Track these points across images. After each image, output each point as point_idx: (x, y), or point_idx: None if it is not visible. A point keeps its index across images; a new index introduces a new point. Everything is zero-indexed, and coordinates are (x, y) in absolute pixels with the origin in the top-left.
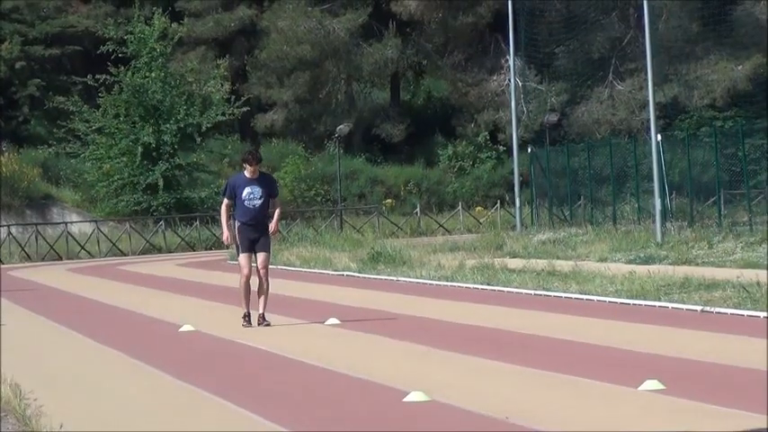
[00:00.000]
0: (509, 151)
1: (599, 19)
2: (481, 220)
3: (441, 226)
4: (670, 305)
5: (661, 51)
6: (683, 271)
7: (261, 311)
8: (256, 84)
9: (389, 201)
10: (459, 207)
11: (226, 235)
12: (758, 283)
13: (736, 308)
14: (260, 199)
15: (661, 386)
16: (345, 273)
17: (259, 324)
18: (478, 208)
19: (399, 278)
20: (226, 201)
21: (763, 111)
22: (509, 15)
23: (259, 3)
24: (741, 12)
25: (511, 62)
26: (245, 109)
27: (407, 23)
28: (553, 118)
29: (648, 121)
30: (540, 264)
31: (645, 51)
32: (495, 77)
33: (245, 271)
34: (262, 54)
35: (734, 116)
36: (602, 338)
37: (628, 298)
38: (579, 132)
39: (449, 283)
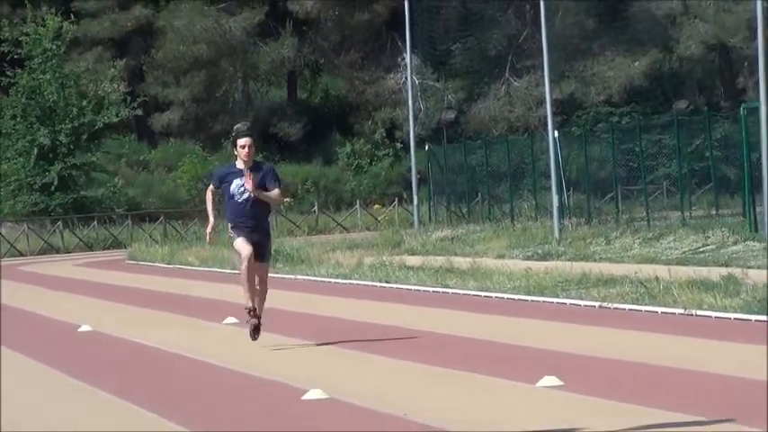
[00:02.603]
0: (406, 149)
1: (495, 16)
2: (379, 218)
3: (339, 224)
4: (568, 301)
5: (557, 48)
6: (580, 267)
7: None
8: (153, 83)
9: (287, 200)
10: (358, 205)
11: (211, 225)
12: (656, 279)
13: (633, 303)
14: (249, 191)
15: (559, 382)
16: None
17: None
18: (376, 206)
19: (298, 276)
20: (211, 186)
21: (660, 106)
22: (405, 13)
23: (155, 2)
24: (637, 8)
25: (408, 60)
26: (139, 110)
27: (304, 22)
28: (450, 115)
29: (545, 117)
30: (439, 261)
31: (541, 48)
32: (392, 75)
33: (246, 252)
34: (158, 54)
35: (630, 112)
36: (500, 335)
37: (526, 294)
38: (476, 129)
39: (347, 281)
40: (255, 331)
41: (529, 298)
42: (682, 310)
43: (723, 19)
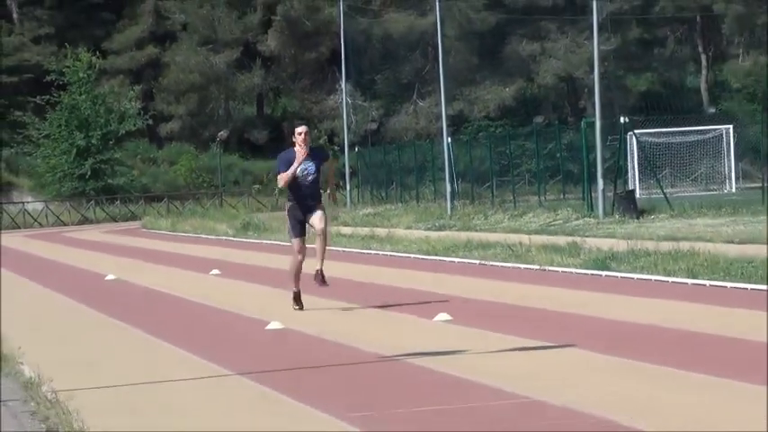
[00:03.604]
0: (342, 150)
1: (406, 54)
2: (322, 199)
3: None
4: (456, 260)
5: (450, 77)
6: (466, 235)
7: (318, 268)
8: (160, 101)
9: (256, 186)
10: None
11: (291, 172)
12: (520, 244)
13: (504, 261)
14: (313, 174)
15: (450, 317)
16: (224, 237)
17: (315, 280)
18: (320, 191)
19: (263, 241)
20: (281, 173)
21: (524, 121)
22: (342, 52)
23: (162, 43)
24: (508, 49)
25: (343, 86)
26: (150, 121)
27: (269, 58)
28: (373, 126)
29: (442, 128)
30: (364, 231)
31: (439, 78)
32: (331, 97)
33: (299, 257)
34: (164, 80)
35: (502, 124)
36: (407, 283)
37: (426, 255)
38: (392, 136)
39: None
40: (295, 297)
41: (428, 257)
42: (538, 267)
43: (570, 57)
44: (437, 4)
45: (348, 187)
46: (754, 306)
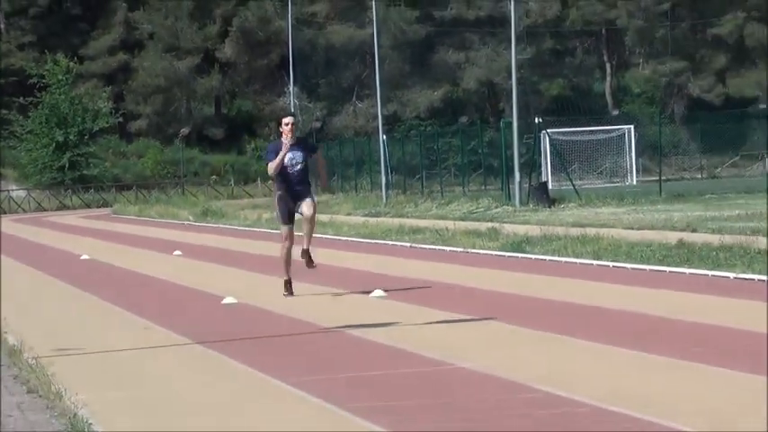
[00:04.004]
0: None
1: (347, 62)
2: (272, 188)
3: (247, 193)
4: (390, 243)
5: (386, 82)
6: (398, 222)
7: (305, 247)
8: (129, 102)
9: (214, 177)
10: (259, 181)
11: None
12: (446, 229)
13: (432, 245)
14: (301, 163)
15: (384, 294)
16: (186, 222)
17: (302, 258)
18: (270, 181)
19: (221, 225)
20: (270, 162)
21: (450, 121)
22: (290, 59)
23: (131, 50)
24: (436, 58)
25: (290, 89)
26: (120, 119)
27: (225, 64)
28: (317, 124)
29: (378, 126)
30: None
31: (375, 82)
32: (280, 98)
33: (287, 243)
34: (133, 83)
35: (431, 124)
36: (345, 263)
37: (363, 238)
38: (335, 133)
39: (251, 229)
40: (286, 285)
41: (365, 240)
42: (462, 249)
43: (491, 65)
44: (374, 17)
45: None
46: (650, 285)
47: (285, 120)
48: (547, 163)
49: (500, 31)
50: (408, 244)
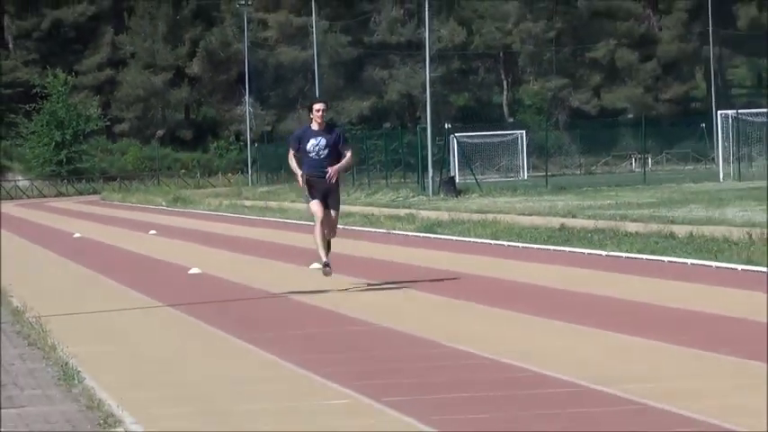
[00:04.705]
0: (246, 145)
1: (292, 77)
2: (231, 181)
3: (210, 184)
4: None
5: (324, 93)
6: None
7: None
8: (115, 109)
9: (183, 170)
10: (220, 174)
11: (300, 174)
12: (372, 214)
13: (361, 227)
14: (326, 149)
15: (320, 266)
16: (160, 207)
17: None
18: (229, 174)
19: (189, 210)
20: (292, 151)
21: (376, 126)
22: (246, 75)
23: (116, 66)
24: (365, 75)
25: (246, 99)
26: (108, 122)
27: (193, 78)
28: (268, 128)
29: None
30: (261, 204)
31: (315, 93)
32: (238, 107)
33: (319, 215)
34: (118, 93)
35: (361, 128)
36: (291, 242)
37: (309, 221)
38: (282, 136)
39: (213, 213)
40: (325, 266)
41: (306, 223)
42: (386, 231)
43: (409, 81)
44: (314, 41)
45: (250, 171)
46: (538, 261)
47: (316, 106)
48: (455, 161)
49: (417, 53)
50: (342, 226)
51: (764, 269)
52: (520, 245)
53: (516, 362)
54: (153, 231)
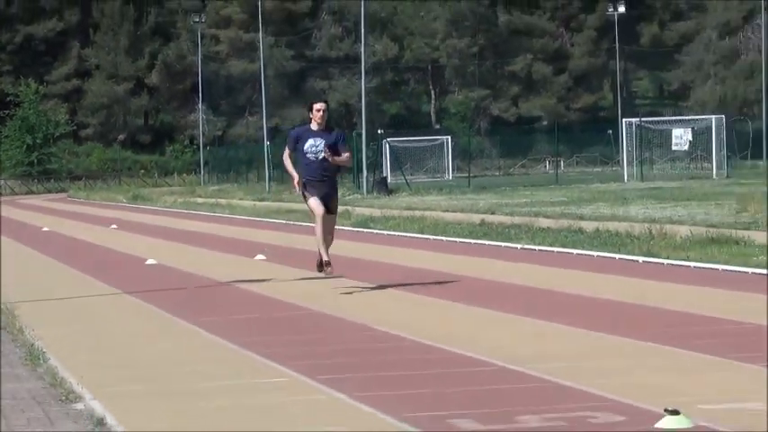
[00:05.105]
0: (199, 148)
1: (241, 87)
2: (185, 180)
3: (167, 183)
4: (273, 221)
5: (270, 102)
6: (278, 205)
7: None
8: (81, 115)
9: (142, 171)
10: (176, 174)
11: (296, 179)
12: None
13: (302, 222)
14: (323, 150)
15: (264, 257)
16: (121, 204)
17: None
18: (184, 174)
19: (147, 207)
20: (287, 150)
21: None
22: (199, 85)
23: (83, 77)
24: (307, 85)
25: (200, 106)
26: (74, 127)
27: (152, 88)
28: (219, 133)
29: (263, 135)
30: (212, 201)
31: (262, 102)
32: (192, 114)
33: (319, 212)
34: (84, 101)
35: None
36: (236, 235)
37: (255, 216)
38: (232, 140)
39: (170, 209)
40: (327, 265)
41: (253, 218)
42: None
43: (347, 91)
44: (261, 55)
45: (203, 172)
46: (460, 253)
47: (317, 105)
48: (387, 163)
49: (353, 66)
50: (284, 221)
51: (663, 260)
52: (444, 239)
53: (438, 344)
54: (114, 226)
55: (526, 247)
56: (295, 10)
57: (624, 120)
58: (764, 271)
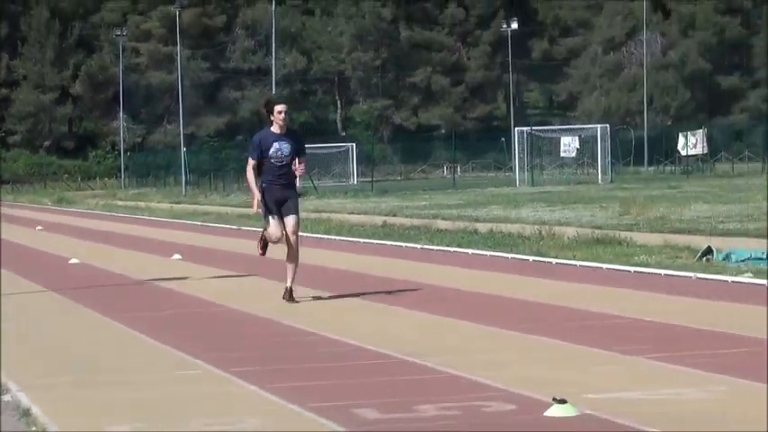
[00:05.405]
0: (120, 155)
1: (160, 96)
2: (107, 184)
3: (89, 187)
4: (190, 222)
5: (187, 111)
6: (193, 208)
7: (288, 285)
8: (9, 123)
9: (66, 175)
10: (98, 178)
11: (257, 198)
12: (226, 213)
13: (216, 223)
14: (289, 155)
15: (180, 257)
16: (46, 206)
17: (285, 298)
18: (105, 178)
19: (71, 209)
20: (252, 161)
21: (231, 138)
22: (121, 94)
23: (11, 86)
24: (221, 95)
25: (121, 115)
26: (3, 134)
27: (76, 97)
28: (139, 140)
29: (180, 141)
30: (132, 204)
31: (179, 111)
32: (114, 122)
33: (276, 236)
34: (11, 110)
35: (218, 140)
36: (156, 236)
37: (171, 218)
38: (151, 146)
39: (91, 211)
40: (289, 293)
41: (170, 220)
42: (236, 227)
43: (259, 100)
44: (179, 67)
45: (123, 176)
46: (364, 253)
47: (278, 107)
48: None
49: (265, 77)
50: (199, 222)
51: (552, 260)
52: (349, 239)
53: (343, 338)
54: (40, 227)
55: (425, 246)
56: (211, 25)
57: (516, 128)
58: (646, 269)
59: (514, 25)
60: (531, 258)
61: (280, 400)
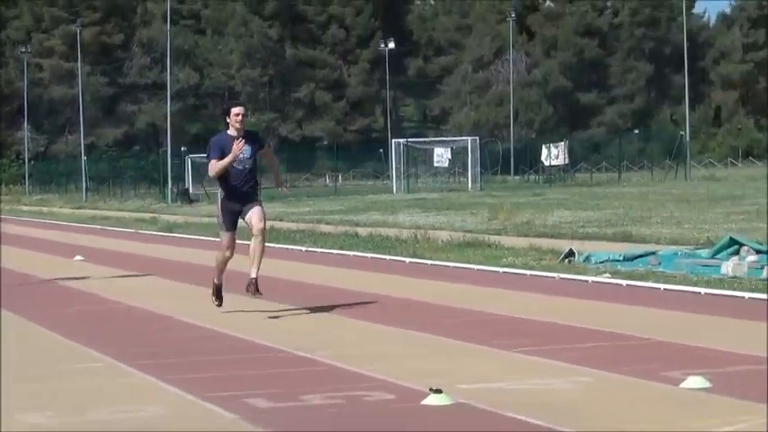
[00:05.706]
0: (24, 162)
1: (63, 109)
2: (12, 191)
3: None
4: (87, 226)
5: (86, 122)
6: (93, 212)
7: (253, 276)
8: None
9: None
10: (3, 185)
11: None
12: (125, 217)
13: (113, 227)
14: (250, 158)
15: (83, 258)
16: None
17: (250, 291)
18: (10, 185)
19: (23, 219)
20: (214, 161)
21: (129, 148)
22: (25, 107)
23: None
24: (119, 108)
25: (25, 125)
26: None
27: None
28: (42, 149)
29: (81, 151)
30: (36, 209)
31: (80, 122)
32: (18, 132)
33: (227, 253)
34: None
35: (116, 150)
36: (58, 238)
37: (73, 222)
38: (53, 155)
39: (41, 221)
40: (251, 284)
41: (72, 224)
42: (134, 230)
43: (154, 113)
44: (80, 82)
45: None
46: (300, 261)
47: (235, 110)
48: (189, 176)
49: (160, 91)
50: (99, 227)
51: (427, 261)
52: (288, 247)
53: (236, 333)
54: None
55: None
56: (109, 42)
57: (393, 140)
58: (513, 270)
59: (391, 45)
60: (407, 260)
61: (178, 391)
